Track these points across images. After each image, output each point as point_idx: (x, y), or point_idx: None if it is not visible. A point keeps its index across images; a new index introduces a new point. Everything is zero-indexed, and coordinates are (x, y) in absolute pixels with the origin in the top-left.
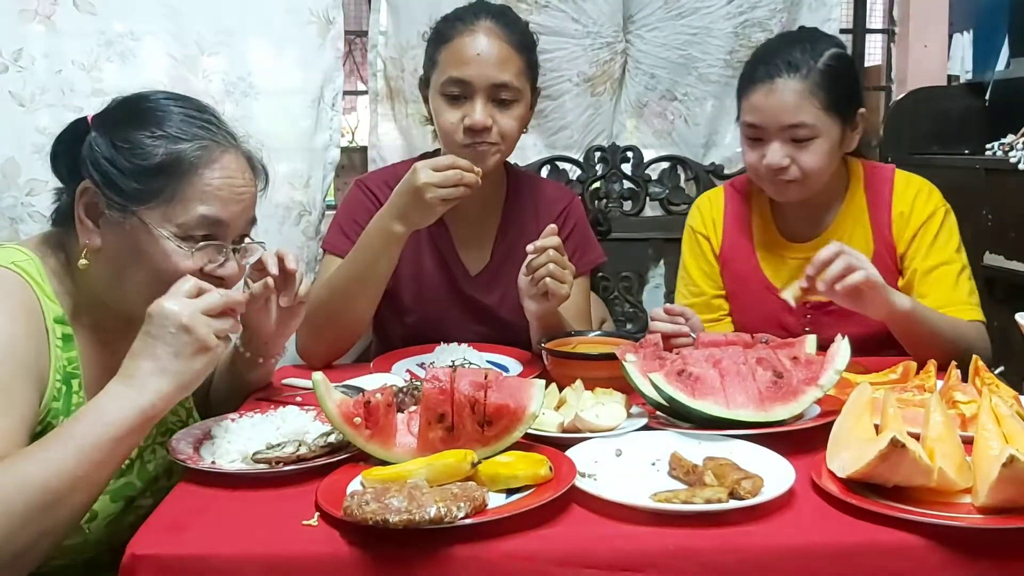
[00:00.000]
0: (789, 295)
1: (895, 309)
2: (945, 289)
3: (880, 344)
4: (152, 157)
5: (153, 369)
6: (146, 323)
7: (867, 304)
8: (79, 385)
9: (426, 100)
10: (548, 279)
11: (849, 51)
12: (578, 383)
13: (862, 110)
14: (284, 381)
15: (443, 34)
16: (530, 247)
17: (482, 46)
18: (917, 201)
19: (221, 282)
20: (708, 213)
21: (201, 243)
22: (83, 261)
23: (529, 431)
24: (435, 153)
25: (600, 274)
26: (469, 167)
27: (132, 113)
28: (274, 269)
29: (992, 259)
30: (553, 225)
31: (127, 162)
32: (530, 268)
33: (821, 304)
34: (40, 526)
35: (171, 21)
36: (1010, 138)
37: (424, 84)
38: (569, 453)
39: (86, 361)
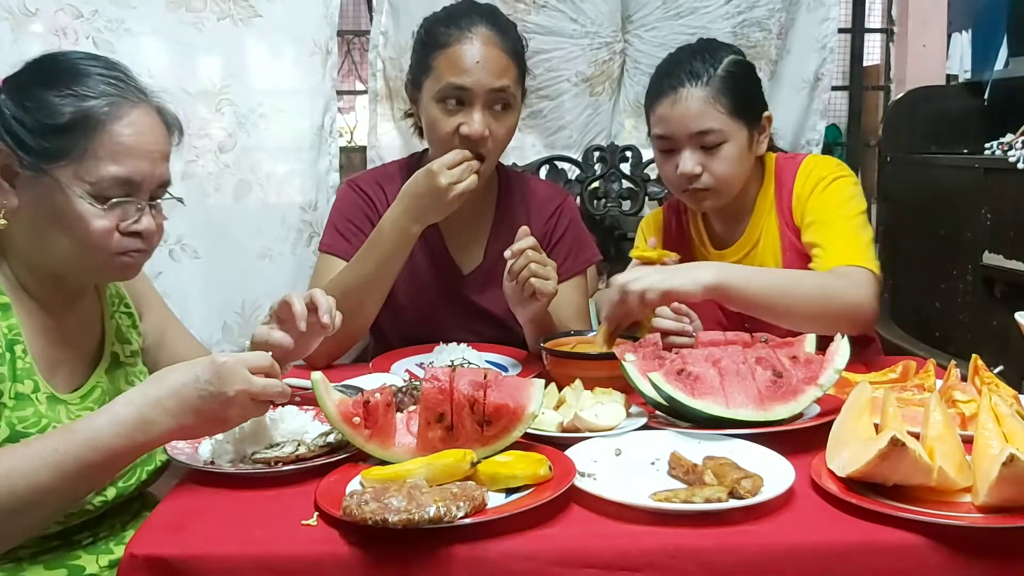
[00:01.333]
0: (600, 338)
1: (706, 284)
2: (831, 236)
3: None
4: (61, 116)
5: (171, 409)
6: (206, 359)
7: (677, 295)
8: (23, 351)
9: (414, 101)
10: (532, 279)
11: (848, 50)
12: (577, 383)
13: (767, 113)
14: (283, 381)
15: (437, 39)
16: (507, 253)
17: (481, 54)
18: (811, 177)
19: (139, 237)
20: (648, 233)
21: (113, 200)
22: (1, 221)
23: (528, 431)
24: (424, 154)
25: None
26: (471, 156)
27: (42, 73)
28: (302, 325)
29: (991, 258)
30: (525, 227)
31: (35, 121)
32: (512, 273)
33: None
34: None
35: (185, 57)
36: (1009, 137)
37: (415, 87)
38: (568, 453)
39: (29, 327)
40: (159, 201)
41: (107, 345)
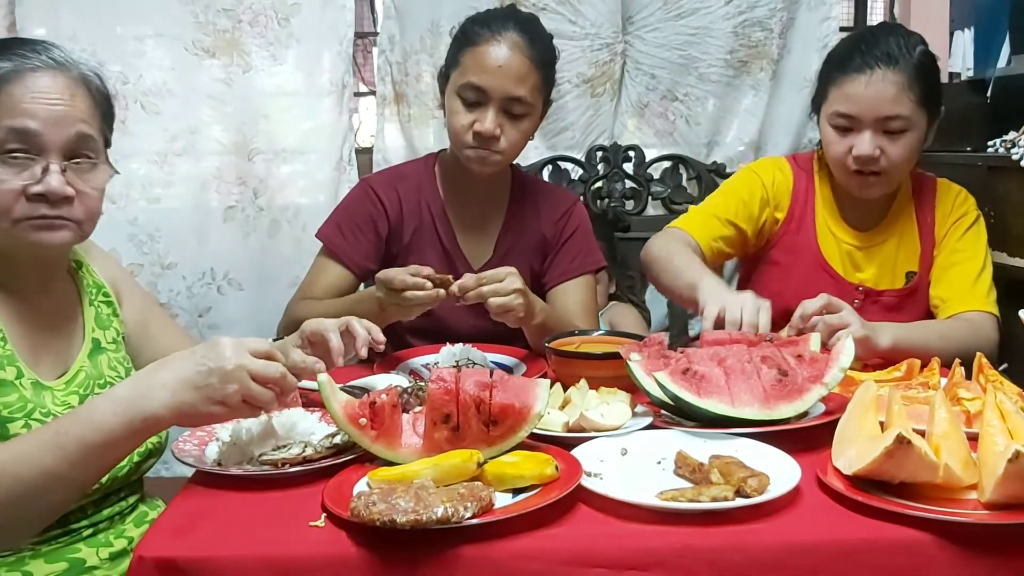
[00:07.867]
0: (787, 331)
1: (877, 351)
2: (962, 284)
3: None
4: None
5: (168, 384)
6: (204, 344)
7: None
8: (2, 338)
9: (442, 92)
10: (491, 300)
11: None
12: (582, 382)
13: (942, 107)
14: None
15: (469, 36)
16: (454, 288)
17: (504, 58)
18: (956, 201)
19: (44, 199)
20: (777, 176)
21: (15, 154)
22: None
23: (534, 431)
24: (441, 152)
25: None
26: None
27: None
28: (339, 361)
29: (994, 256)
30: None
31: None
32: (486, 305)
33: (870, 291)
34: (9, 515)
35: (218, 112)
36: (1012, 135)
37: (443, 78)
38: (575, 452)
39: (6, 315)
40: (78, 163)
41: (87, 331)
